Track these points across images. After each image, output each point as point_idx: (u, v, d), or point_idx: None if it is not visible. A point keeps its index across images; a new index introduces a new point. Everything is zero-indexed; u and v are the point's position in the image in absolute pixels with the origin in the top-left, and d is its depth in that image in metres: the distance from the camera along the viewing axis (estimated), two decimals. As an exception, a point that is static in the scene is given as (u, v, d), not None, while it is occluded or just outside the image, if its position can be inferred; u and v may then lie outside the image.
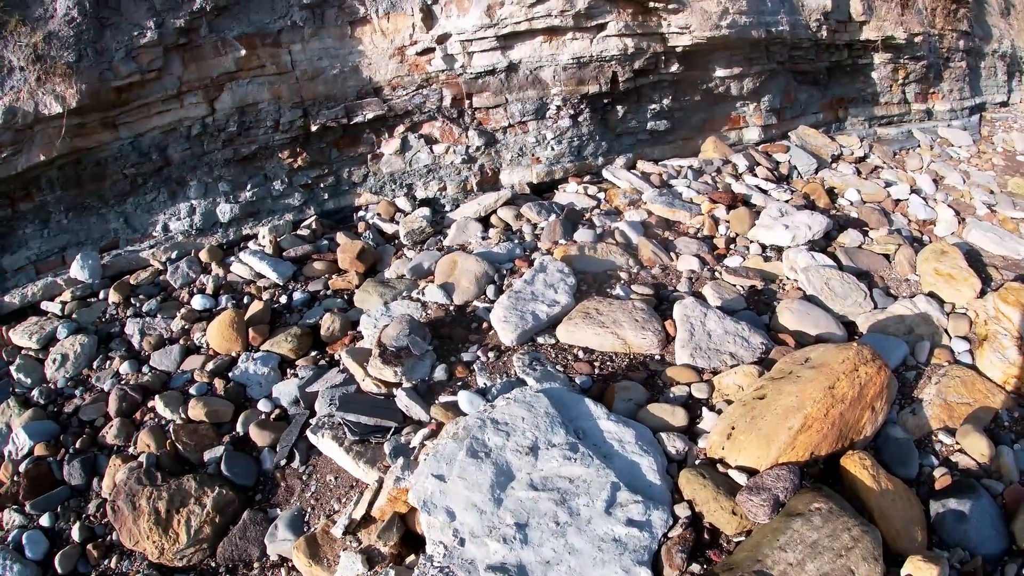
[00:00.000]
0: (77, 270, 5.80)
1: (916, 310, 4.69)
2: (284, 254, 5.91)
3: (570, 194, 6.66)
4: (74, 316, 5.51)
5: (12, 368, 5.09)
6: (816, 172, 7.03)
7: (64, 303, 5.64)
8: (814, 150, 7.56)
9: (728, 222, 5.88)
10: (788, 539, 2.99)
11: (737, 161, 7.14)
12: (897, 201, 6.24)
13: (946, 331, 4.65)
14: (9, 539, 3.98)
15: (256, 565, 3.79)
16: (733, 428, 3.55)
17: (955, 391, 4.12)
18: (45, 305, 5.67)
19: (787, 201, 6.05)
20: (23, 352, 5.26)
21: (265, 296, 5.46)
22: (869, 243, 5.57)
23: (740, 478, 3.38)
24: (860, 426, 3.54)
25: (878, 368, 3.60)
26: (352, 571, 3.42)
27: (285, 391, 4.55)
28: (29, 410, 4.70)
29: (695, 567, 3.10)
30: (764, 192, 6.43)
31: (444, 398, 4.12)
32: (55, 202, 5.96)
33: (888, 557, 3.06)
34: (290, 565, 3.73)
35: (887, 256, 5.41)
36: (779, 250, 5.47)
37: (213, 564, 3.82)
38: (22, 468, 4.29)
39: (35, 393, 4.87)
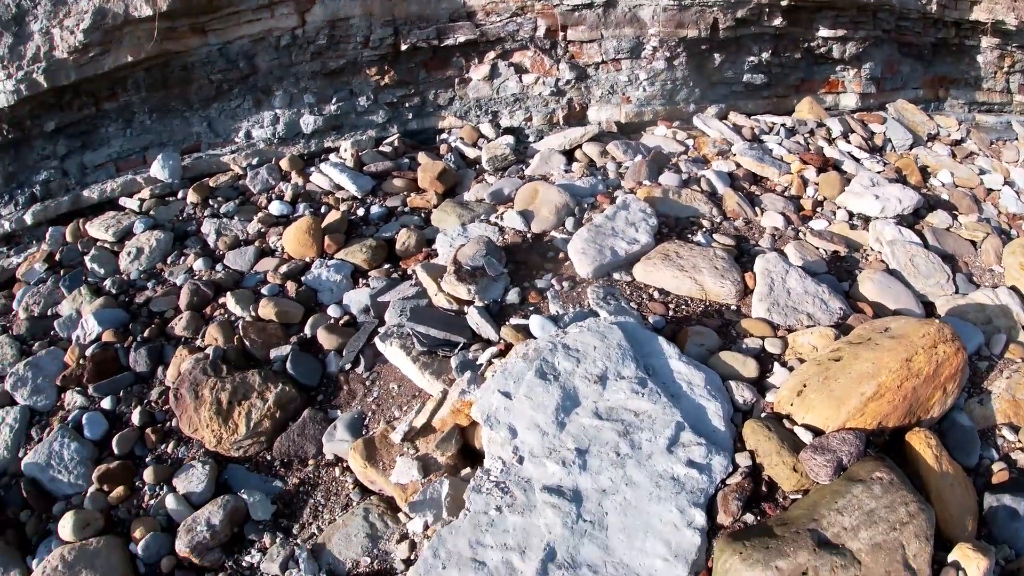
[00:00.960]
0: (158, 169, 5.82)
1: (997, 301, 4.46)
2: (364, 168, 5.82)
3: (658, 137, 6.43)
4: (151, 213, 5.53)
5: (87, 258, 5.14)
6: (910, 148, 6.71)
7: (142, 200, 5.67)
8: (911, 126, 7.19)
9: (817, 184, 5.65)
10: (846, 503, 2.91)
11: (832, 125, 6.83)
12: (989, 190, 5.94)
13: (1023, 328, 4.42)
14: (69, 419, 4.03)
15: (311, 462, 3.78)
16: (805, 386, 3.44)
17: (1025, 389, 3.96)
18: (123, 201, 5.72)
19: (879, 172, 5.80)
20: (98, 244, 5.32)
21: (343, 207, 5.38)
22: (957, 227, 5.33)
23: (805, 436, 3.28)
24: (930, 405, 3.41)
25: (956, 349, 3.44)
26: (407, 476, 3.38)
27: (356, 299, 4.49)
28: (100, 298, 4.74)
29: (749, 517, 3.04)
30: (856, 160, 6.16)
31: (515, 320, 4.02)
32: (140, 103, 5.96)
33: (938, 540, 2.95)
34: (344, 465, 3.71)
35: (974, 243, 5.18)
36: (866, 220, 5.25)
37: (269, 457, 3.82)
38: (89, 352, 4.32)
39: (107, 283, 4.91)
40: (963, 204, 5.61)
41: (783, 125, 6.75)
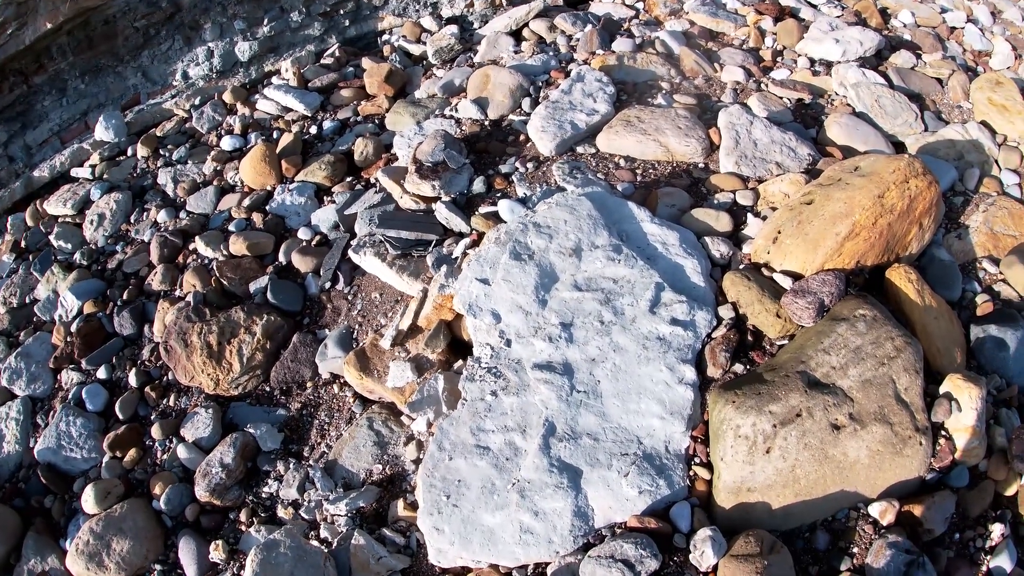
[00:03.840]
0: (102, 132, 5.66)
1: (967, 136, 4.37)
2: (309, 85, 5.63)
3: (606, 4, 6.15)
4: (105, 176, 5.41)
5: (51, 237, 5.07)
6: None
7: (93, 166, 5.54)
8: None
9: (775, 34, 5.44)
10: (832, 342, 2.93)
11: None
12: (952, 28, 5.70)
13: (996, 162, 4.35)
14: (70, 396, 4.05)
15: (309, 384, 3.80)
16: (779, 232, 3.40)
17: (1002, 222, 3.92)
18: (75, 172, 5.58)
19: (837, 17, 5.58)
20: (60, 220, 5.23)
21: (295, 128, 5.24)
22: (922, 66, 5.15)
23: (785, 282, 3.27)
24: (907, 241, 3.38)
25: (928, 183, 3.37)
26: (402, 379, 3.39)
27: (324, 218, 4.41)
28: (73, 272, 4.69)
29: (738, 367, 3.07)
30: (813, 6, 5.91)
31: (484, 209, 3.95)
32: (69, 69, 5.74)
33: (928, 373, 2.98)
34: (342, 381, 3.74)
35: (940, 80, 5.02)
36: (828, 65, 5.08)
37: (268, 388, 3.85)
38: (74, 328, 4.31)
39: (77, 256, 4.85)
40: (926, 43, 5.41)
41: (735, -24, 6.45)
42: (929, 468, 2.85)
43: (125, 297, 4.39)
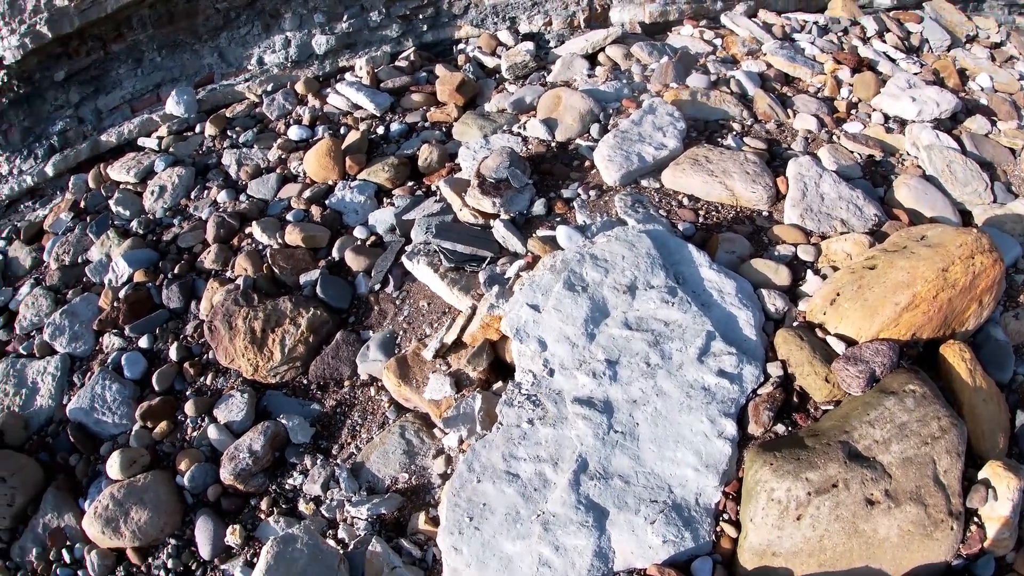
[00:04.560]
0: (173, 106, 5.78)
1: None
2: (381, 85, 5.68)
3: (684, 37, 6.13)
4: (171, 150, 5.51)
5: (111, 202, 5.18)
6: (948, 50, 6.31)
7: (161, 138, 5.65)
8: (948, 26, 6.75)
9: (851, 85, 5.36)
10: (878, 416, 2.86)
11: (866, 24, 6.44)
12: None
13: None
14: (109, 361, 4.11)
15: (347, 383, 3.82)
16: (838, 294, 3.32)
17: (1062, 306, 3.77)
18: (142, 141, 5.70)
19: (915, 74, 5.49)
20: (121, 186, 5.34)
21: (362, 127, 5.28)
22: (996, 134, 5.03)
23: (838, 346, 3.19)
24: (965, 317, 3.28)
25: (993, 260, 3.27)
26: (440, 392, 3.38)
27: (381, 219, 4.43)
28: (128, 240, 4.77)
29: (780, 427, 3.01)
30: (892, 61, 5.83)
31: (542, 232, 3.93)
32: (147, 41, 5.88)
33: (969, 456, 2.89)
34: (379, 384, 3.75)
35: (1013, 151, 4.89)
36: (902, 123, 4.99)
37: (305, 381, 3.87)
38: (122, 294, 4.38)
39: (134, 224, 4.94)
40: (1002, 110, 5.31)
41: (815, 23, 6.39)
42: (956, 554, 2.77)
43: (176, 271, 4.45)
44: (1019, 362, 3.55)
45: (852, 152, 4.64)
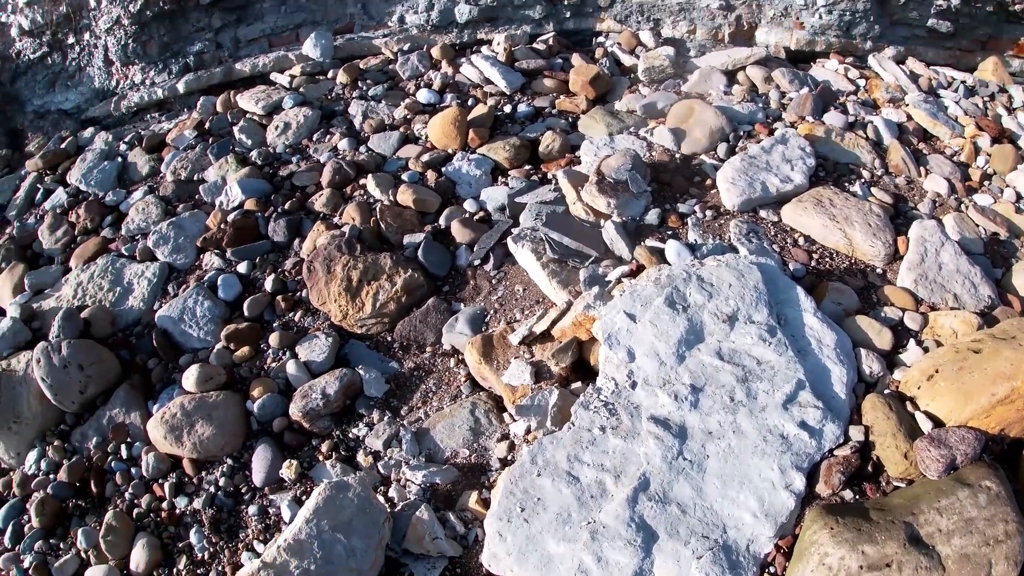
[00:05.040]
0: (310, 47, 5.89)
1: None
2: (515, 64, 5.68)
3: (828, 71, 5.93)
4: (301, 90, 5.63)
5: (235, 129, 5.33)
6: None
7: (293, 76, 5.78)
8: None
9: (989, 155, 5.06)
10: (948, 505, 2.74)
11: (1015, 93, 6.08)
12: None
13: None
14: (206, 279, 4.25)
15: (429, 349, 3.85)
16: (937, 371, 3.17)
17: None
18: (274, 76, 5.85)
19: None
20: (247, 116, 5.49)
21: (490, 102, 5.31)
22: None
23: (925, 424, 3.06)
24: None
25: None
26: (519, 379, 3.39)
27: (493, 196, 4.45)
28: (245, 168, 4.91)
29: (848, 493, 2.92)
30: None
31: (651, 242, 3.88)
32: (296, -20, 6.00)
33: None
34: (460, 357, 3.77)
35: None
36: None
37: (389, 338, 3.92)
38: (230, 218, 4.51)
39: (253, 154, 5.07)
40: None
41: (963, 82, 6.09)
42: None
43: (287, 207, 4.56)
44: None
45: (978, 226, 4.44)
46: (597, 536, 2.76)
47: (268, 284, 4.16)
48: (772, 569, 2.78)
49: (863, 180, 4.61)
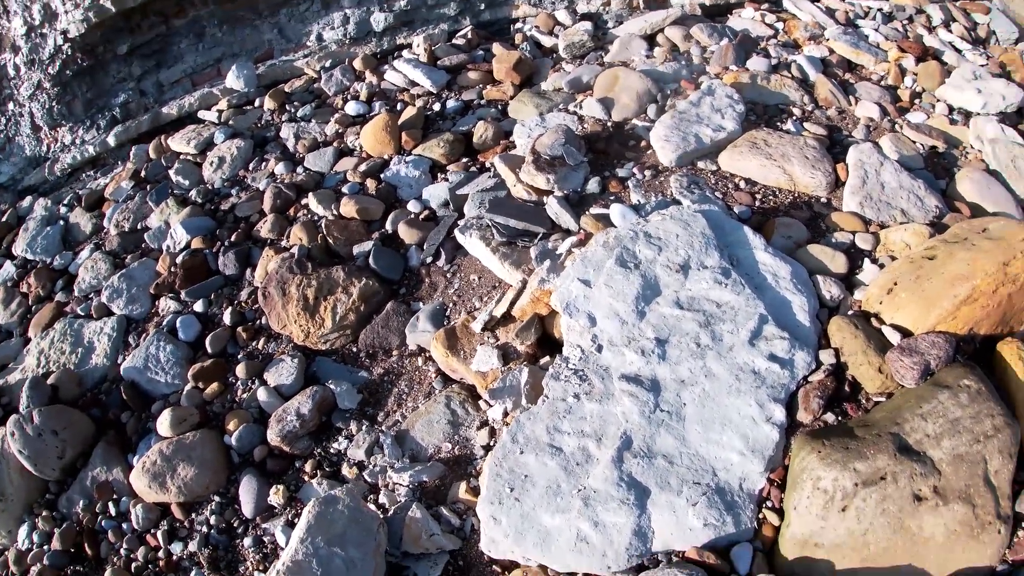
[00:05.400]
0: (233, 80, 5.87)
1: None
2: (438, 63, 5.70)
3: (746, 20, 6.01)
4: (230, 123, 5.60)
5: (171, 171, 5.29)
6: (1016, 43, 6.09)
7: (220, 111, 5.74)
8: (1017, 18, 6.47)
9: (915, 75, 5.20)
10: (931, 409, 2.78)
11: (932, 13, 6.22)
12: None
13: None
14: (164, 323, 4.20)
15: (395, 352, 3.84)
16: (895, 284, 3.23)
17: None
18: (202, 114, 5.81)
19: (981, 66, 5.31)
20: (181, 157, 5.45)
21: (419, 103, 5.31)
22: None
23: (893, 337, 3.11)
24: None
25: None
26: (487, 364, 3.39)
27: (435, 194, 4.45)
28: (187, 208, 4.87)
29: (829, 416, 2.95)
30: (957, 51, 5.64)
31: (595, 210, 3.92)
32: (209, 16, 5.98)
33: (1020, 459, 2.79)
34: (427, 355, 3.77)
35: None
36: (966, 115, 4.85)
37: (354, 349, 3.91)
38: (179, 260, 4.47)
39: (193, 193, 5.03)
40: None
41: (880, 10, 6.20)
42: (1002, 559, 2.69)
43: (233, 239, 4.53)
44: (1078, 367, 3.44)
45: (914, 142, 4.54)
46: (590, 502, 2.76)
47: (227, 318, 4.12)
48: (769, 503, 2.81)
49: (795, 117, 4.68)
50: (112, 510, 3.61)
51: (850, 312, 3.32)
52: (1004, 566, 2.71)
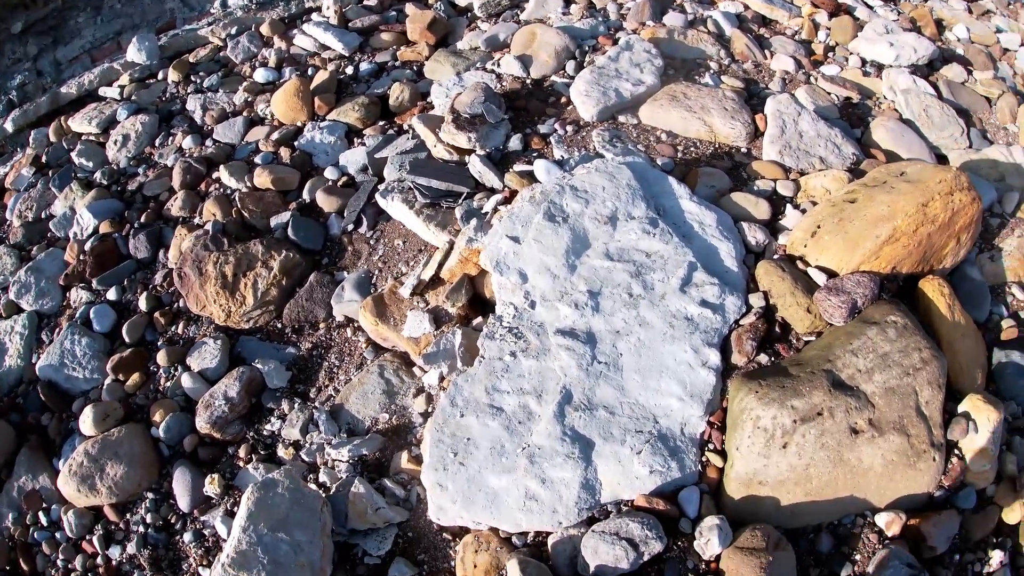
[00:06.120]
0: (134, 53, 5.55)
1: (1011, 159, 4.24)
2: (350, 25, 5.49)
3: (661, -25, 6.01)
4: (133, 98, 5.30)
5: (73, 154, 4.98)
6: (925, 0, 6.30)
7: (122, 87, 5.42)
8: None
9: (829, 29, 5.33)
10: (861, 345, 2.86)
11: None
12: (1005, 50, 5.56)
13: None
14: (77, 315, 3.98)
15: (322, 325, 3.72)
16: (819, 227, 3.30)
17: (1036, 249, 3.81)
18: (103, 91, 5.47)
19: (893, 21, 5.45)
20: (83, 138, 5.14)
21: (330, 67, 5.11)
22: (972, 82, 5.03)
23: (819, 278, 3.18)
24: (943, 254, 3.30)
25: (972, 199, 3.26)
26: (419, 330, 3.31)
27: (352, 159, 4.31)
28: (92, 191, 4.61)
29: (763, 357, 3.01)
30: (869, 7, 5.78)
31: (519, 167, 3.84)
32: (106, -12, 5.65)
33: (948, 391, 2.91)
34: (356, 325, 3.66)
35: (988, 100, 4.90)
36: (879, 67, 4.98)
37: (279, 325, 3.77)
38: (88, 247, 4.24)
39: (97, 175, 4.76)
40: (978, 60, 5.29)
41: (793, -33, 6.29)
42: (939, 485, 2.81)
43: (143, 220, 4.31)
44: (994, 303, 3.59)
45: (830, 93, 4.65)
46: (535, 459, 2.73)
47: (142, 303, 3.92)
48: (711, 446, 2.83)
49: (712, 71, 4.71)
50: (44, 520, 3.41)
51: (776, 256, 3.37)
52: (941, 492, 2.83)
